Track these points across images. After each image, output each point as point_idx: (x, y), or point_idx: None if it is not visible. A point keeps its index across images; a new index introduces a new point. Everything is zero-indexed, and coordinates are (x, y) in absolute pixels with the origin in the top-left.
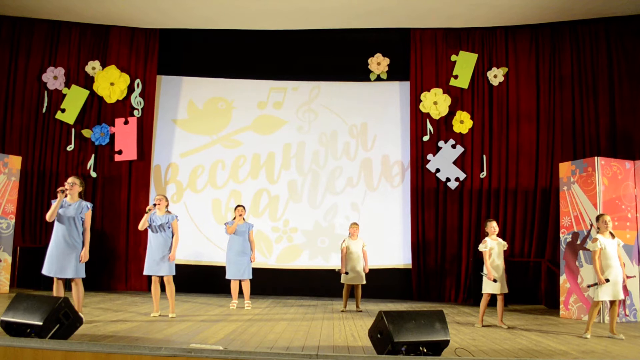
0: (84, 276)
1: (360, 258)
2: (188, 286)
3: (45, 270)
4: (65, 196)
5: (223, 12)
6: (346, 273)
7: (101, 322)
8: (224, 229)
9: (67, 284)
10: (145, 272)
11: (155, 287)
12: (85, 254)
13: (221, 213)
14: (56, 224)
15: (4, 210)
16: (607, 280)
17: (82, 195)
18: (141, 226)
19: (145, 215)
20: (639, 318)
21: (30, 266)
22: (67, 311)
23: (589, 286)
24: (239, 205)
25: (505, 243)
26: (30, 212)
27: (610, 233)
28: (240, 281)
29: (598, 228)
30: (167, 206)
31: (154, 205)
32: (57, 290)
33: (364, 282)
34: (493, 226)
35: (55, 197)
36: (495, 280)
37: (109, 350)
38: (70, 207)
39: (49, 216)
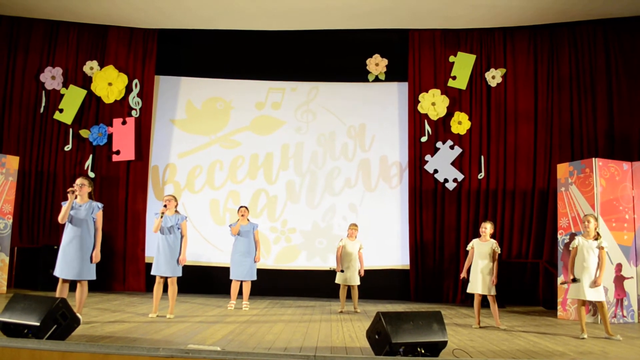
0: (95, 278)
1: (356, 259)
2: (186, 287)
3: (57, 272)
4: (75, 197)
5: (222, 13)
6: (342, 271)
7: (99, 323)
8: (228, 231)
9: (72, 284)
10: (152, 272)
11: (157, 288)
12: (96, 255)
13: (219, 214)
14: (67, 225)
15: (1, 210)
16: (574, 280)
17: (92, 196)
18: (155, 229)
19: (159, 219)
20: (637, 319)
21: (27, 267)
22: (64, 312)
23: (561, 284)
24: (242, 206)
25: (494, 245)
26: (27, 212)
27: (597, 234)
28: (241, 282)
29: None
30: (176, 206)
31: (164, 206)
32: (61, 292)
33: (357, 283)
34: (484, 227)
35: (66, 199)
36: (466, 279)
37: (106, 351)
38: (81, 208)
39: (60, 218)
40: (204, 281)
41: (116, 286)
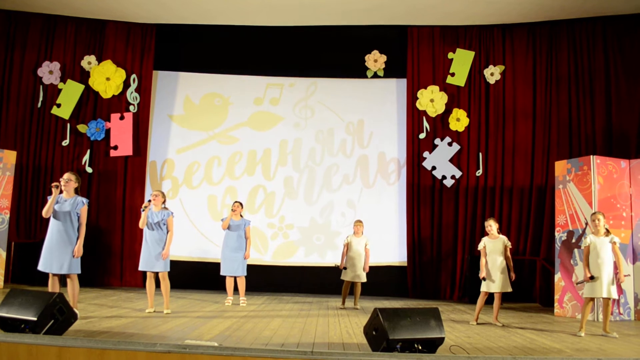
0: (79, 272)
1: (361, 256)
2: (183, 282)
3: (40, 266)
4: (61, 192)
5: (220, 8)
6: (345, 268)
7: (96, 318)
8: (219, 224)
9: (63, 279)
10: (140, 268)
11: (150, 283)
12: (78, 249)
13: (217, 209)
14: (52, 219)
15: None
16: (592, 278)
17: (78, 191)
18: (141, 224)
19: (143, 213)
20: (633, 316)
21: (24, 262)
22: (61, 307)
23: (577, 283)
24: (235, 202)
25: (505, 241)
26: (25, 207)
27: (607, 230)
28: (235, 278)
29: (592, 226)
30: (163, 202)
31: (149, 201)
32: (52, 286)
33: (364, 280)
34: (489, 224)
35: (51, 194)
36: (484, 279)
37: (103, 346)
38: (66, 202)
39: (44, 212)
40: (202, 277)
41: (113, 282)
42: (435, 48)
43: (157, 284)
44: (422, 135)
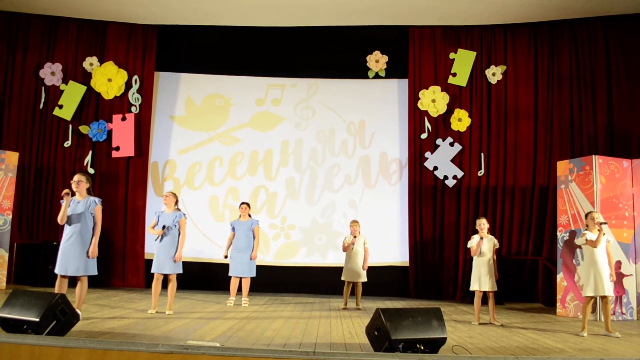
0: (96, 273)
1: (360, 255)
2: (185, 283)
3: (58, 269)
4: (73, 195)
5: (221, 9)
6: (352, 244)
7: (98, 319)
8: (229, 227)
9: (72, 281)
10: (152, 270)
11: (156, 284)
12: (93, 250)
13: (219, 210)
14: (67, 222)
15: (0, 206)
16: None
17: (91, 191)
18: (155, 233)
19: (158, 231)
20: (635, 316)
21: (26, 262)
22: (63, 307)
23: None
24: (242, 203)
25: (494, 240)
26: (27, 208)
27: (599, 230)
28: (240, 278)
29: (587, 225)
30: (176, 202)
31: (163, 228)
32: (59, 288)
33: (364, 279)
34: (484, 223)
35: (62, 198)
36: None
37: (105, 347)
38: (79, 204)
39: (60, 219)
40: (204, 277)
41: (115, 282)
42: (437, 48)
43: (164, 286)
44: (423, 136)
